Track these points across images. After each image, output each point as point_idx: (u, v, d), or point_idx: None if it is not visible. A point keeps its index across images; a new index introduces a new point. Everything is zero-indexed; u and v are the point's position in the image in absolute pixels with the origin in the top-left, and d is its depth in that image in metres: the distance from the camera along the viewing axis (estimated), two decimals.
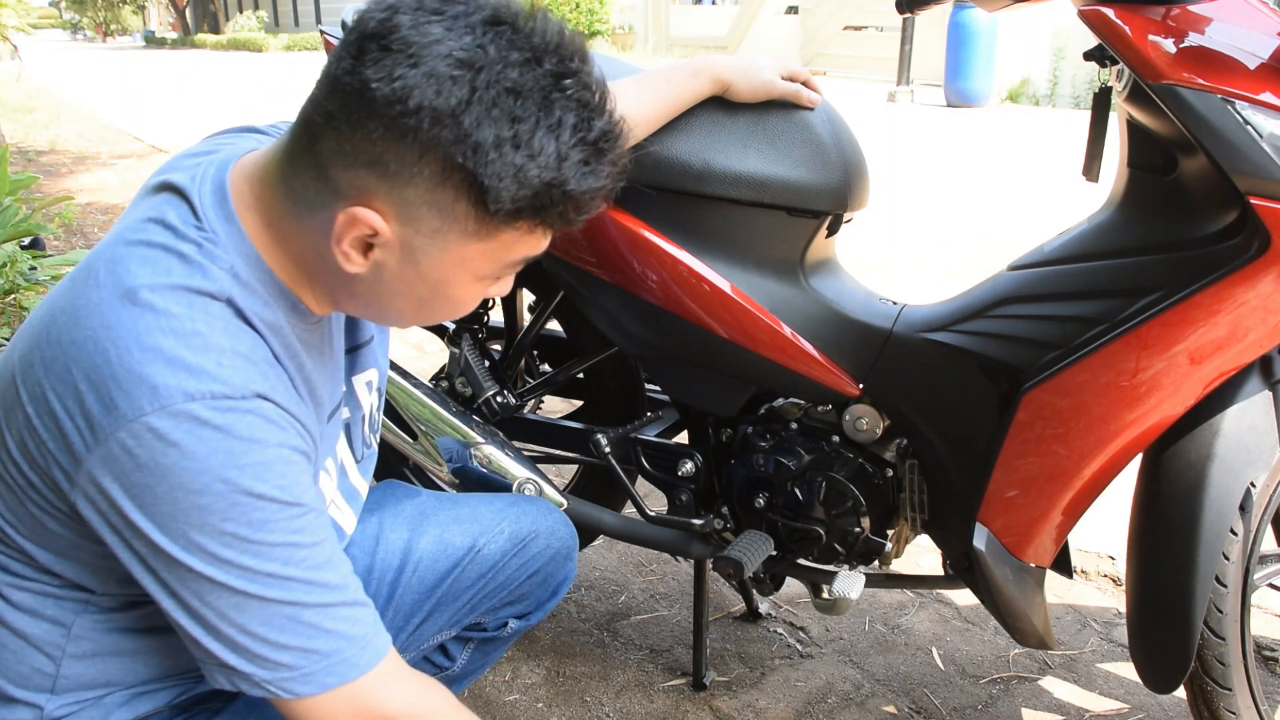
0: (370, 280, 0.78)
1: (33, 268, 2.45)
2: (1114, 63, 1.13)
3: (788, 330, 1.29)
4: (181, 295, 0.73)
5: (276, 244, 0.79)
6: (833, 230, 1.34)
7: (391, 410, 1.46)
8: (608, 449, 1.46)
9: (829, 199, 1.27)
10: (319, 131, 0.73)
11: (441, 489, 1.64)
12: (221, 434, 0.70)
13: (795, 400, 1.38)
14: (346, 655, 0.78)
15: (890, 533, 1.37)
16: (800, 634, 1.76)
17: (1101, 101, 1.16)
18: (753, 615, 1.80)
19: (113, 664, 0.84)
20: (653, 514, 1.45)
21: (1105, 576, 1.94)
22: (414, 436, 1.47)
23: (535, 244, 0.78)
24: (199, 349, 0.71)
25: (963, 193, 5.57)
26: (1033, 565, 1.27)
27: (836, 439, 1.35)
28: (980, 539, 1.24)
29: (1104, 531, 1.98)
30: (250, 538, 0.72)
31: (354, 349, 0.99)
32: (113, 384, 0.70)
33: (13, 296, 2.37)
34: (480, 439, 1.43)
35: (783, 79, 1.25)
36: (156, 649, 0.85)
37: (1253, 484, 1.14)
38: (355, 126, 0.71)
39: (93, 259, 0.77)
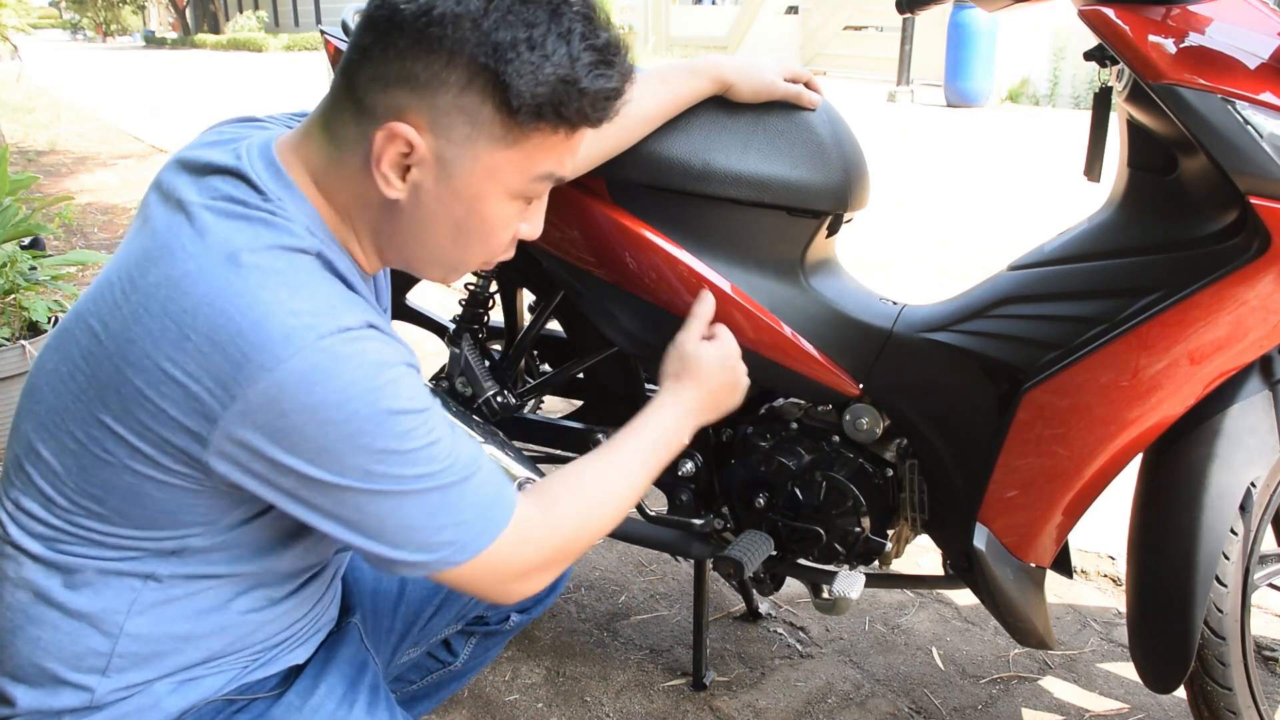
0: (409, 208, 0.83)
1: (33, 268, 2.45)
2: (1114, 63, 1.13)
3: (788, 330, 1.29)
4: (279, 253, 0.77)
5: (325, 200, 0.84)
6: (833, 230, 1.34)
7: None
8: None
9: (829, 199, 1.27)
10: (356, 68, 0.80)
11: None
12: (355, 363, 0.75)
13: (795, 400, 1.38)
14: (491, 516, 0.85)
15: (890, 533, 1.37)
16: (800, 634, 1.76)
17: (1102, 101, 1.16)
18: (753, 615, 1.80)
19: (166, 644, 0.86)
20: (653, 514, 1.45)
21: (1105, 576, 1.94)
22: None
23: (559, 154, 0.84)
24: (311, 296, 0.76)
25: (963, 193, 5.57)
26: (1033, 565, 1.27)
27: (836, 439, 1.35)
28: (980, 539, 1.24)
29: (1104, 531, 1.98)
30: (399, 449, 0.78)
31: None
32: (240, 340, 0.73)
33: (13, 296, 2.36)
34: (480, 439, 1.42)
35: (784, 79, 1.25)
36: (209, 631, 0.88)
37: (1253, 484, 1.14)
38: (387, 47, 0.78)
39: (168, 239, 0.79)
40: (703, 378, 1.12)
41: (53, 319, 2.36)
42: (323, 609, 1.00)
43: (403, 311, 1.73)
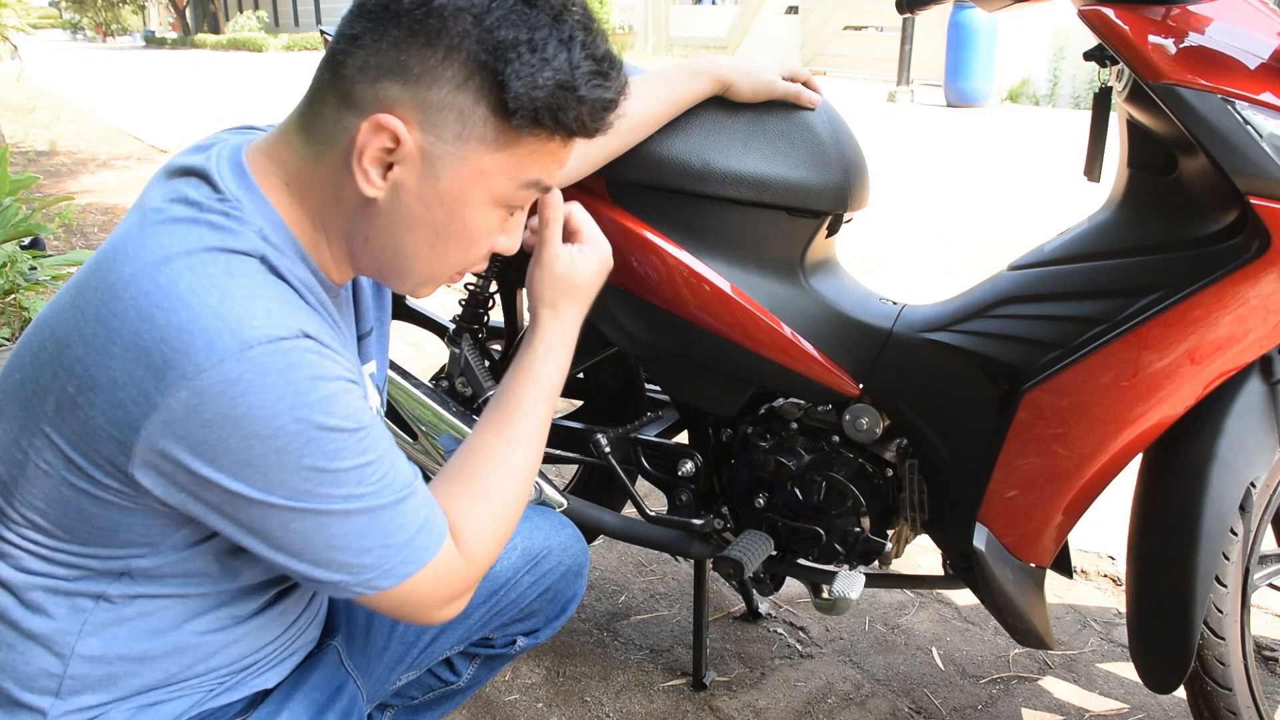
0: (387, 209, 0.79)
1: (33, 268, 2.45)
2: (1114, 63, 1.13)
3: (788, 330, 1.29)
4: (216, 255, 0.74)
5: (295, 202, 0.80)
6: (833, 230, 1.35)
7: (391, 410, 1.47)
8: (608, 449, 1.46)
9: (829, 199, 1.27)
10: (343, 58, 0.77)
11: None
12: (285, 376, 0.71)
13: (795, 400, 1.38)
14: (418, 543, 0.81)
15: (890, 533, 1.37)
16: (800, 634, 1.76)
17: (1101, 101, 1.17)
18: (753, 615, 1.80)
19: (120, 666, 0.84)
20: (653, 514, 1.45)
21: (1105, 576, 1.94)
22: (414, 436, 1.47)
23: (549, 163, 0.81)
24: (243, 299, 0.72)
25: (963, 193, 5.57)
26: (1033, 565, 1.27)
27: (836, 439, 1.35)
28: (980, 539, 1.24)
29: (1104, 531, 1.98)
30: (327, 468, 0.75)
31: (356, 339, 0.98)
32: (164, 346, 0.70)
33: (13, 296, 2.37)
34: None
35: (783, 79, 1.25)
36: (165, 652, 0.85)
37: (1253, 484, 1.14)
38: (380, 37, 0.75)
39: (116, 242, 0.77)
40: (585, 294, 0.99)
41: None
42: (298, 631, 0.96)
43: (403, 311, 1.73)
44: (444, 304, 3.40)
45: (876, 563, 1.40)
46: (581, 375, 1.62)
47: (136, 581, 0.82)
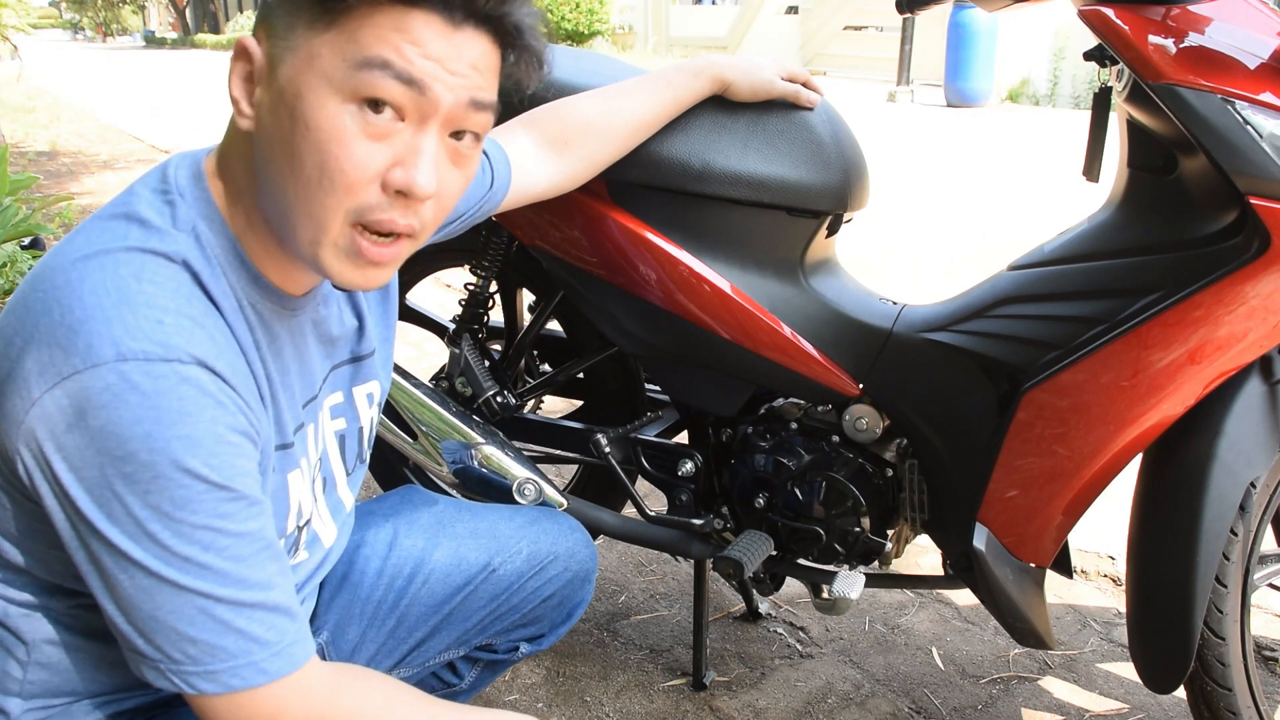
0: (258, 139, 0.74)
1: (32, 268, 2.45)
2: (1114, 63, 1.13)
3: (788, 330, 1.29)
4: (134, 254, 0.72)
5: (252, 211, 0.78)
6: (833, 230, 1.35)
7: (391, 410, 1.46)
8: (608, 449, 1.46)
9: (829, 199, 1.27)
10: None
11: (441, 489, 1.64)
12: (150, 401, 0.67)
13: (795, 400, 1.38)
14: (255, 659, 0.74)
15: (890, 533, 1.37)
16: (800, 634, 1.76)
17: (1101, 101, 1.17)
18: (753, 615, 1.80)
19: (75, 674, 0.83)
20: (653, 514, 1.45)
21: (1105, 576, 1.94)
22: (414, 436, 1.47)
23: (391, 34, 0.70)
24: (141, 306, 0.69)
25: (963, 193, 5.57)
26: (1033, 565, 1.27)
27: (836, 439, 1.35)
28: (980, 539, 1.24)
29: (1104, 531, 1.98)
30: (171, 514, 0.69)
31: (357, 359, 0.97)
32: (52, 342, 0.69)
33: None
34: (480, 439, 1.43)
35: (782, 79, 1.25)
36: (119, 659, 0.82)
37: (1253, 484, 1.14)
38: None
39: (64, 238, 0.77)
40: None
41: None
42: None
43: (403, 311, 1.73)
44: (444, 304, 3.40)
45: (876, 563, 1.40)
46: (581, 375, 1.62)
47: (79, 595, 0.79)
